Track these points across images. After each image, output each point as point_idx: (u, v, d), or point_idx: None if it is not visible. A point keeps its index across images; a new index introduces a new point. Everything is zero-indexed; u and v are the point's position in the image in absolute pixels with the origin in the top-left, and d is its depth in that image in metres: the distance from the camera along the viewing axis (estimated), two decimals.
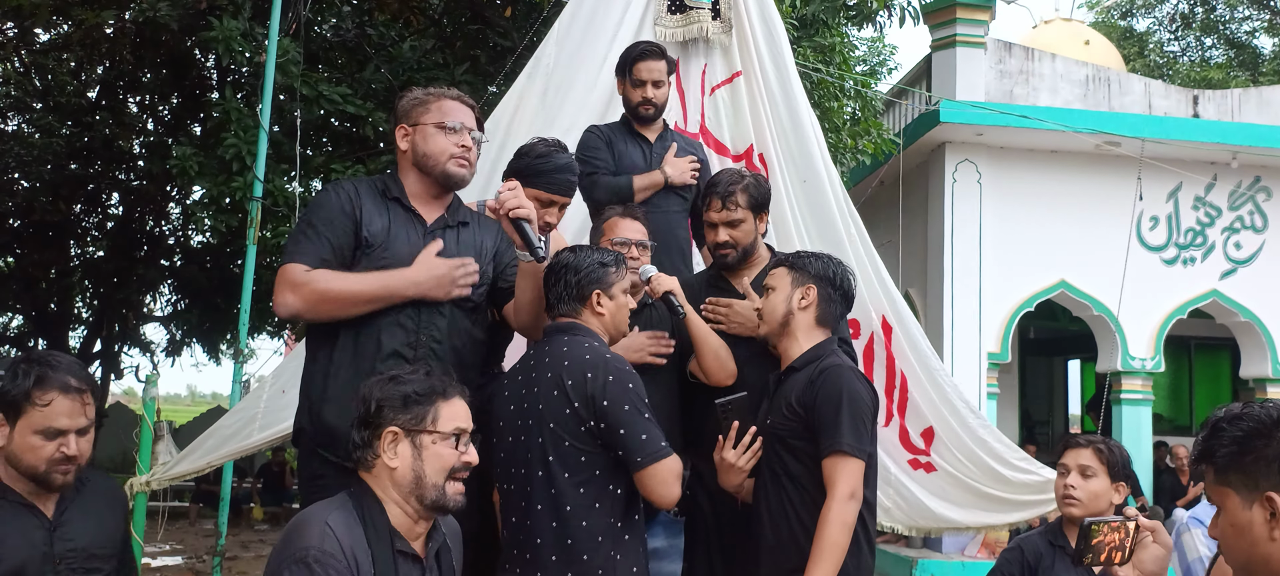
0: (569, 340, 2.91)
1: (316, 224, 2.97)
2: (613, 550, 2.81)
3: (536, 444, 2.83)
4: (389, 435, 2.31)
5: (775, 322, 3.16)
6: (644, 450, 2.76)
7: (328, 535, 2.19)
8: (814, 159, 4.60)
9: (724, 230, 3.60)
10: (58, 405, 2.56)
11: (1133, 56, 22.68)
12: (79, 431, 2.59)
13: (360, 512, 2.27)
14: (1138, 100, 12.07)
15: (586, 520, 2.78)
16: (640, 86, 4.11)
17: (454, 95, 3.16)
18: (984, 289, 11.47)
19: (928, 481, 4.62)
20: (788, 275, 3.17)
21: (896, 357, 4.57)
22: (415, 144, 3.08)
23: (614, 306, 3.03)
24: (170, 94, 10.69)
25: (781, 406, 3.06)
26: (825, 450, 2.94)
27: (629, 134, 4.18)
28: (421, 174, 3.09)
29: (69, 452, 2.56)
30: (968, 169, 11.61)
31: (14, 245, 11.84)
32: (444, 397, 2.37)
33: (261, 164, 6.20)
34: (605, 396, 2.77)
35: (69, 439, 2.57)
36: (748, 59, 4.66)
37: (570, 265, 3.01)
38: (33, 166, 10.50)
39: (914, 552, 11.22)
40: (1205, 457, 1.72)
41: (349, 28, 9.60)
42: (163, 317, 13.54)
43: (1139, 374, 11.75)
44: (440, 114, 3.08)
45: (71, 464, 2.58)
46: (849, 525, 2.88)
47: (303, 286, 2.89)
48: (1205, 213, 12.15)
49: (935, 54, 11.88)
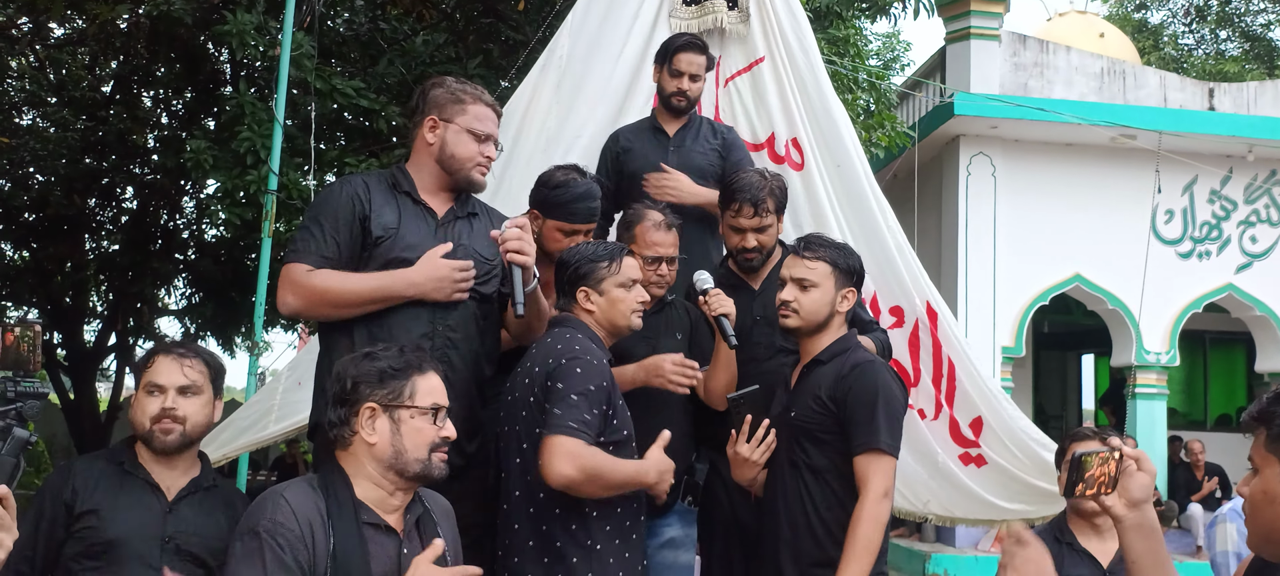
0: (556, 332, 2.94)
1: (322, 221, 2.96)
2: (588, 539, 2.80)
3: (515, 432, 2.87)
4: (366, 411, 2.31)
5: (816, 321, 3.09)
6: (549, 421, 2.72)
7: (281, 506, 2.21)
8: (845, 143, 4.54)
9: (753, 236, 3.55)
10: (159, 364, 2.76)
11: (1148, 49, 22.55)
12: (179, 389, 2.72)
13: (324, 487, 2.29)
14: (1153, 93, 12.02)
15: (560, 508, 2.79)
16: (677, 77, 4.06)
17: (488, 101, 3.14)
18: (998, 282, 11.44)
19: (979, 475, 4.49)
20: (832, 274, 3.09)
21: (943, 344, 4.43)
22: (445, 140, 3.05)
23: (605, 302, 3.01)
24: (184, 88, 10.69)
25: (807, 399, 3.03)
26: (859, 448, 2.91)
27: (649, 130, 4.15)
28: (441, 170, 3.08)
29: (167, 406, 2.70)
30: (982, 162, 11.58)
31: (29, 239, 11.87)
32: (420, 372, 2.37)
33: (276, 158, 6.20)
34: (553, 378, 2.78)
35: (169, 394, 2.71)
36: (773, 43, 4.59)
37: (563, 261, 3.05)
38: (47, 161, 10.52)
39: (927, 547, 11.21)
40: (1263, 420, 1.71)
41: (362, 22, 9.59)
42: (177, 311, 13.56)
43: (1154, 368, 11.71)
44: (474, 119, 3.07)
45: (172, 421, 2.70)
46: (883, 523, 2.87)
47: (302, 286, 2.90)
48: (1221, 206, 12.09)
49: (949, 46, 11.85)
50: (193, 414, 2.75)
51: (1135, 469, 1.97)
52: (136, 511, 2.67)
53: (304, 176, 7.24)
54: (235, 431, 4.69)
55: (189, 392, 2.74)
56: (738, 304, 3.48)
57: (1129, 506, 1.96)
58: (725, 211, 3.62)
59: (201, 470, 2.83)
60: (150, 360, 2.79)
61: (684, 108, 4.13)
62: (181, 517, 2.71)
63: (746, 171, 3.71)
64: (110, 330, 13.21)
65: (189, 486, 2.77)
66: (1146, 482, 1.97)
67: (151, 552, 2.64)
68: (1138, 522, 1.95)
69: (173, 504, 2.72)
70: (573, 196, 3.36)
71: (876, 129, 10.15)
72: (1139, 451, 1.99)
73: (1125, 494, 1.96)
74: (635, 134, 4.16)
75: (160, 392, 2.72)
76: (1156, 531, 1.96)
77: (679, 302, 3.62)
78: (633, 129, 4.20)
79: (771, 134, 4.62)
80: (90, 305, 13.09)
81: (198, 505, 2.76)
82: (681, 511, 3.54)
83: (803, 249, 3.16)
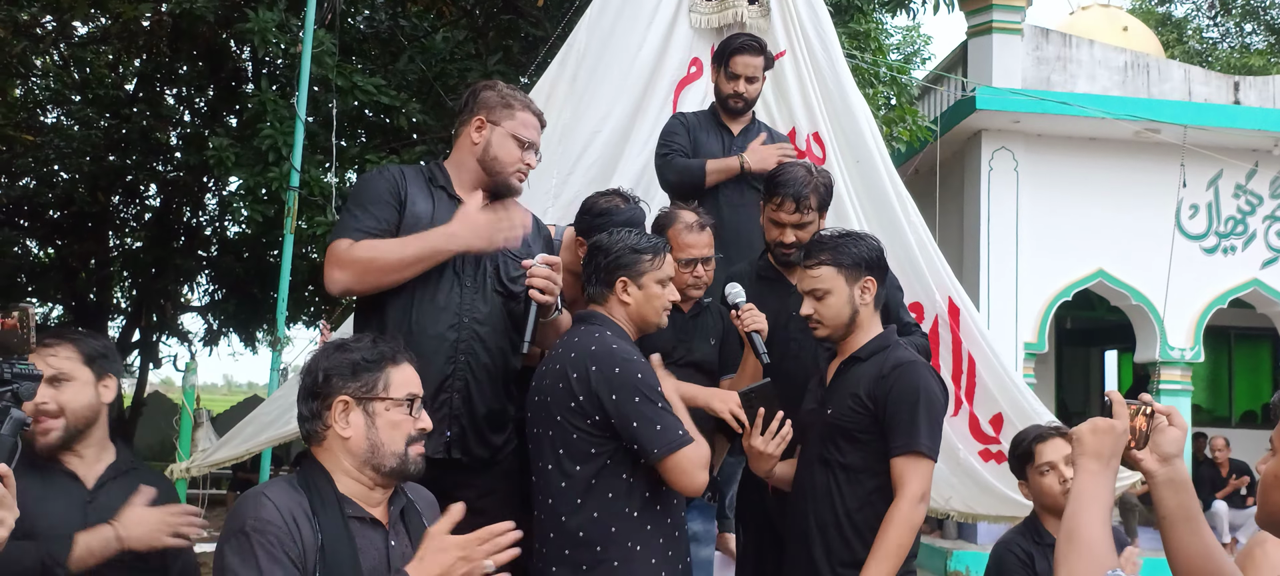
0: (583, 331, 2.85)
1: (364, 202, 3.00)
2: (629, 541, 2.73)
3: (547, 436, 2.79)
4: (340, 405, 2.23)
5: (842, 325, 3.04)
6: (660, 441, 2.66)
7: (263, 504, 2.12)
8: (865, 138, 4.52)
9: (792, 231, 3.50)
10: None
11: (1172, 43, 22.36)
12: (46, 381, 2.58)
13: (305, 484, 2.21)
14: (1177, 87, 11.91)
15: (598, 511, 2.72)
16: (734, 79, 4.06)
17: (536, 110, 3.19)
18: (1021, 278, 11.36)
19: (999, 471, 4.44)
20: (839, 274, 3.03)
21: (964, 340, 4.39)
22: (490, 142, 3.09)
23: (642, 297, 2.91)
24: (206, 86, 10.78)
25: (845, 397, 2.98)
26: (899, 449, 2.87)
27: (714, 124, 4.14)
28: (481, 170, 3.11)
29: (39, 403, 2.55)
30: (1004, 157, 11.50)
31: (54, 236, 12.00)
32: (393, 363, 2.29)
33: (298, 154, 6.25)
34: (611, 389, 2.69)
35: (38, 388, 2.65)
36: (793, 38, 4.58)
37: (603, 247, 2.94)
38: (72, 158, 10.63)
39: (949, 543, 11.16)
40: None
41: (382, 19, 9.64)
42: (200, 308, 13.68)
43: (1178, 364, 11.61)
44: (520, 125, 3.11)
45: (48, 418, 2.59)
46: (915, 527, 2.84)
47: (347, 259, 2.92)
48: (1246, 200, 11.98)
49: (971, 40, 11.77)
50: (69, 402, 2.63)
51: (1166, 424, 1.98)
52: (56, 502, 2.60)
53: (325, 173, 7.28)
54: (258, 427, 4.71)
55: (58, 382, 2.63)
56: (774, 298, 3.47)
57: (1160, 461, 1.97)
58: (767, 204, 3.58)
59: (117, 454, 2.75)
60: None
61: (741, 109, 4.13)
62: (103, 505, 2.62)
63: (793, 165, 3.66)
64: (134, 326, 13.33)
65: (107, 472, 2.69)
66: (1177, 437, 1.98)
67: None
68: (1169, 477, 1.96)
69: (92, 491, 2.65)
70: (617, 223, 3.31)
71: (898, 124, 10.11)
72: (1170, 407, 2.00)
73: (1157, 449, 1.97)
74: (700, 123, 4.14)
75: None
76: (1188, 486, 1.97)
77: (714, 306, 3.58)
78: (696, 118, 4.19)
79: (793, 128, 4.61)
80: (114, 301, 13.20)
81: (118, 490, 2.67)
82: (701, 506, 3.54)
83: (804, 260, 3.11)
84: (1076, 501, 1.83)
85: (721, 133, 4.12)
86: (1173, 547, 1.96)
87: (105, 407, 2.75)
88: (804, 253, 3.15)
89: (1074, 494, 1.86)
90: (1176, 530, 1.95)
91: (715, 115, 4.18)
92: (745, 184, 4.01)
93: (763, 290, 3.56)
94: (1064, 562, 1.76)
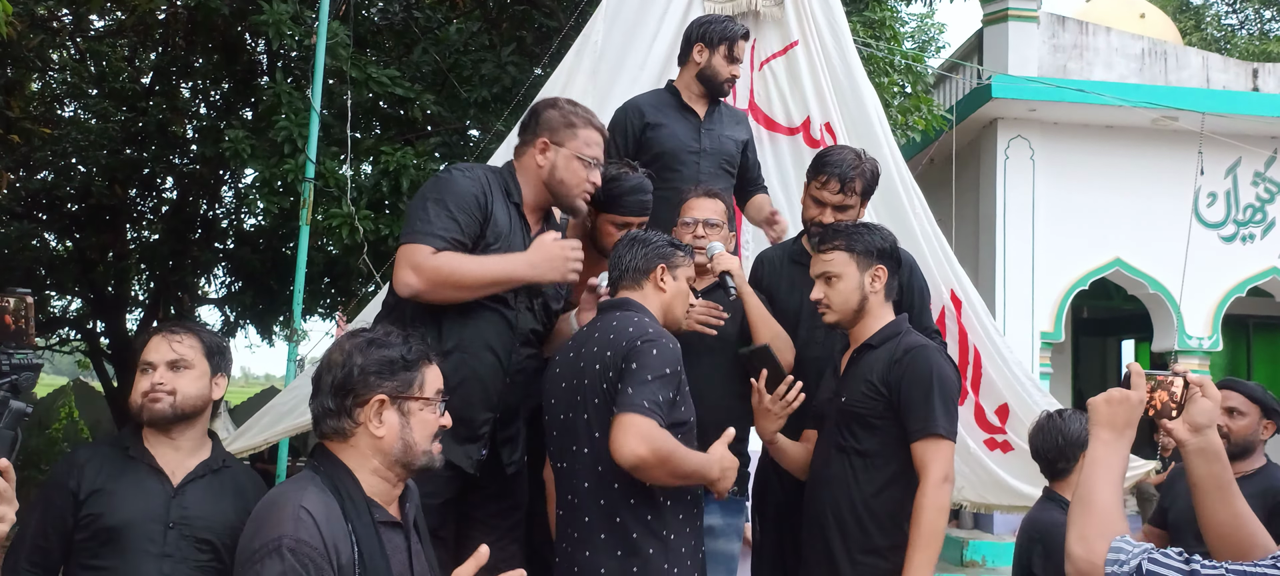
0: (620, 316, 2.87)
1: (449, 205, 2.94)
2: (663, 529, 2.77)
3: (583, 421, 2.80)
4: (376, 403, 2.18)
5: (850, 311, 3.09)
6: (622, 399, 2.65)
7: (303, 521, 2.03)
8: (874, 130, 4.53)
9: (832, 212, 3.49)
10: (151, 344, 2.79)
11: (1189, 30, 22.19)
12: (169, 364, 2.74)
13: (334, 488, 2.15)
14: (1195, 74, 11.83)
15: (634, 498, 2.74)
16: (734, 63, 4.03)
17: (598, 125, 3.20)
18: (1037, 267, 11.32)
19: (1005, 461, 4.50)
20: (851, 260, 3.08)
21: (969, 332, 4.45)
22: (556, 165, 3.11)
23: (675, 287, 3.00)
24: (222, 78, 10.81)
25: (859, 384, 3.01)
26: (917, 433, 2.90)
27: (677, 105, 4.03)
28: (546, 191, 3.13)
29: (156, 380, 2.71)
30: (1020, 145, 11.45)
31: (72, 229, 12.06)
32: (428, 361, 2.28)
33: (313, 146, 6.27)
34: (629, 359, 2.71)
35: (159, 370, 2.73)
36: (806, 28, 4.59)
37: (641, 239, 3.01)
38: (89, 152, 10.67)
39: (965, 533, 11.15)
40: None
41: (397, 11, 9.65)
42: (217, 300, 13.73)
43: (1196, 353, 11.55)
44: (583, 144, 3.13)
45: (161, 393, 2.71)
46: (945, 509, 2.87)
47: (426, 268, 2.86)
48: (1265, 188, 11.89)
49: (987, 28, 11.72)
50: (184, 387, 2.73)
51: (1200, 395, 2.02)
52: (139, 496, 2.66)
53: (340, 165, 7.30)
54: (274, 417, 4.74)
55: (179, 366, 2.74)
56: (799, 279, 3.50)
57: (1192, 431, 2.02)
58: (811, 182, 3.58)
59: (212, 452, 2.80)
60: (145, 342, 2.82)
61: (727, 93, 4.13)
62: (188, 501, 2.69)
63: (843, 148, 3.65)
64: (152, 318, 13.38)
65: (197, 469, 2.74)
66: (1210, 409, 2.02)
67: (156, 538, 2.62)
68: (1201, 447, 2.01)
69: (179, 487, 2.70)
70: (626, 189, 3.37)
71: (913, 113, 10.07)
72: (1203, 377, 2.05)
73: (1189, 419, 2.01)
74: (658, 109, 4.01)
75: (151, 370, 2.74)
76: (1220, 455, 2.01)
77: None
78: (653, 103, 4.04)
79: (807, 117, 4.61)
80: (132, 294, 13.26)
81: (206, 488, 2.73)
82: (724, 500, 3.53)
83: (818, 244, 3.17)
84: (1090, 467, 1.89)
85: (686, 116, 4.02)
86: (1204, 516, 2.03)
87: (211, 404, 2.84)
88: (819, 238, 3.18)
89: (1088, 461, 1.92)
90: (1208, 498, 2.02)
91: (676, 95, 4.05)
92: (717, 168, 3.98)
93: (794, 274, 3.57)
94: (1075, 524, 1.83)
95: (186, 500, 2.69)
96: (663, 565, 2.75)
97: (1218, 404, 2.03)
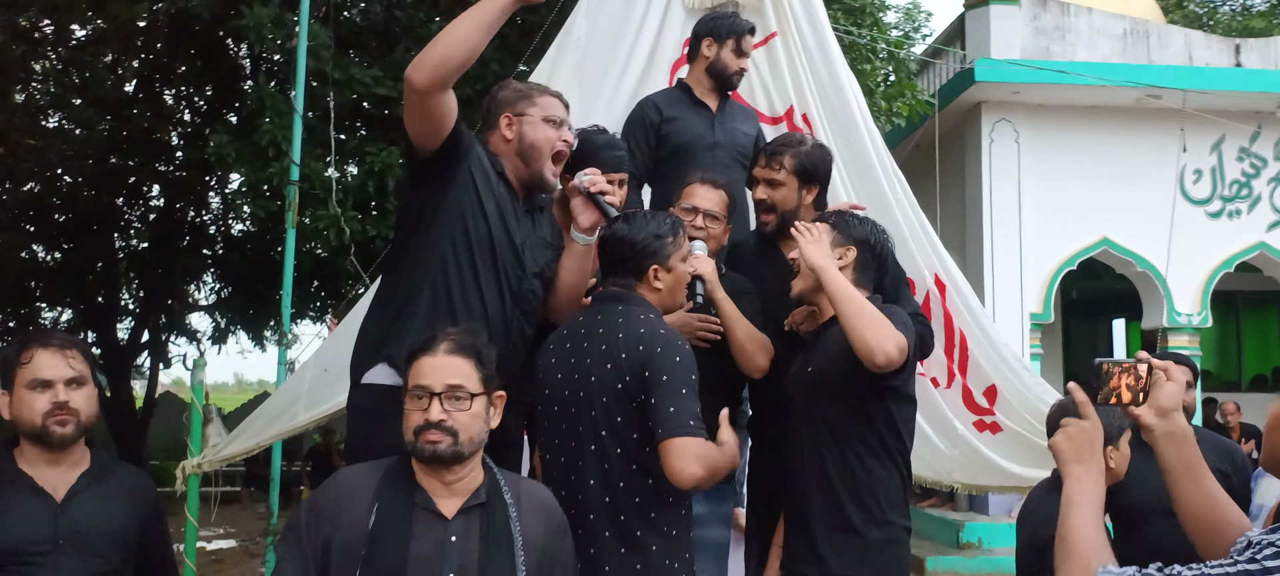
0: (624, 310, 2.84)
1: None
2: (667, 525, 2.77)
3: (588, 417, 2.77)
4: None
5: (811, 278, 3.08)
6: (667, 421, 2.65)
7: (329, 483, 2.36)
8: (855, 118, 4.53)
9: (763, 188, 3.54)
10: (40, 358, 2.62)
11: (1171, 7, 22.21)
12: (67, 382, 2.62)
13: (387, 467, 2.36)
14: (1178, 52, 11.85)
15: (639, 496, 2.74)
16: (742, 57, 4.08)
17: (555, 92, 3.20)
18: (1025, 249, 11.35)
19: (994, 442, 4.51)
20: (829, 233, 3.12)
21: (954, 315, 4.45)
22: (522, 132, 3.08)
23: (671, 279, 2.95)
24: (205, 84, 10.79)
25: (825, 353, 3.03)
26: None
27: (690, 101, 4.10)
28: (521, 163, 3.10)
29: (59, 400, 2.60)
30: (1005, 128, 11.48)
31: (60, 240, 12.04)
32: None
33: (297, 149, 6.26)
34: (650, 367, 2.70)
35: (57, 388, 2.60)
36: (783, 19, 4.60)
37: (626, 238, 2.93)
38: (74, 161, 10.65)
39: (960, 515, 11.19)
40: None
41: (378, 10, 9.63)
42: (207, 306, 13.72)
43: (1186, 330, 11.59)
44: (546, 108, 3.11)
45: (68, 413, 2.61)
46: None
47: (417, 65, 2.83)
48: (1250, 164, 11.94)
49: (969, 12, 11.73)
50: (83, 405, 2.65)
51: (1164, 379, 2.02)
52: (22, 519, 2.55)
53: (325, 166, 7.29)
54: (266, 420, 4.74)
55: (75, 384, 2.64)
56: (765, 269, 3.52)
57: (1159, 415, 2.01)
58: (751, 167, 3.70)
59: (92, 461, 2.71)
60: (24, 354, 2.64)
61: (735, 85, 4.17)
62: (74, 515, 2.60)
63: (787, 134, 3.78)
64: (143, 326, 13.37)
65: (80, 480, 2.65)
66: (1175, 392, 2.01)
67: (44, 559, 2.53)
68: (1169, 431, 2.01)
69: (63, 502, 2.61)
70: (599, 144, 3.37)
71: (897, 99, 10.09)
72: (1166, 363, 2.04)
73: (1155, 403, 2.01)
74: (672, 104, 4.08)
75: (48, 387, 2.60)
76: (1189, 438, 2.01)
77: (730, 276, 3.60)
78: (667, 99, 4.13)
79: (789, 107, 4.62)
80: (122, 302, 13.24)
81: (92, 497, 2.65)
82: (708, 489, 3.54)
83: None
84: (1066, 509, 1.89)
85: (699, 111, 4.08)
86: (1179, 499, 2.02)
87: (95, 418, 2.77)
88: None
89: (1064, 501, 1.91)
90: (1180, 482, 2.01)
91: (688, 91, 4.13)
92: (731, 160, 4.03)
93: (761, 262, 3.59)
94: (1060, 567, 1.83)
95: (73, 515, 2.60)
96: (664, 560, 2.75)
97: (1182, 386, 2.02)
